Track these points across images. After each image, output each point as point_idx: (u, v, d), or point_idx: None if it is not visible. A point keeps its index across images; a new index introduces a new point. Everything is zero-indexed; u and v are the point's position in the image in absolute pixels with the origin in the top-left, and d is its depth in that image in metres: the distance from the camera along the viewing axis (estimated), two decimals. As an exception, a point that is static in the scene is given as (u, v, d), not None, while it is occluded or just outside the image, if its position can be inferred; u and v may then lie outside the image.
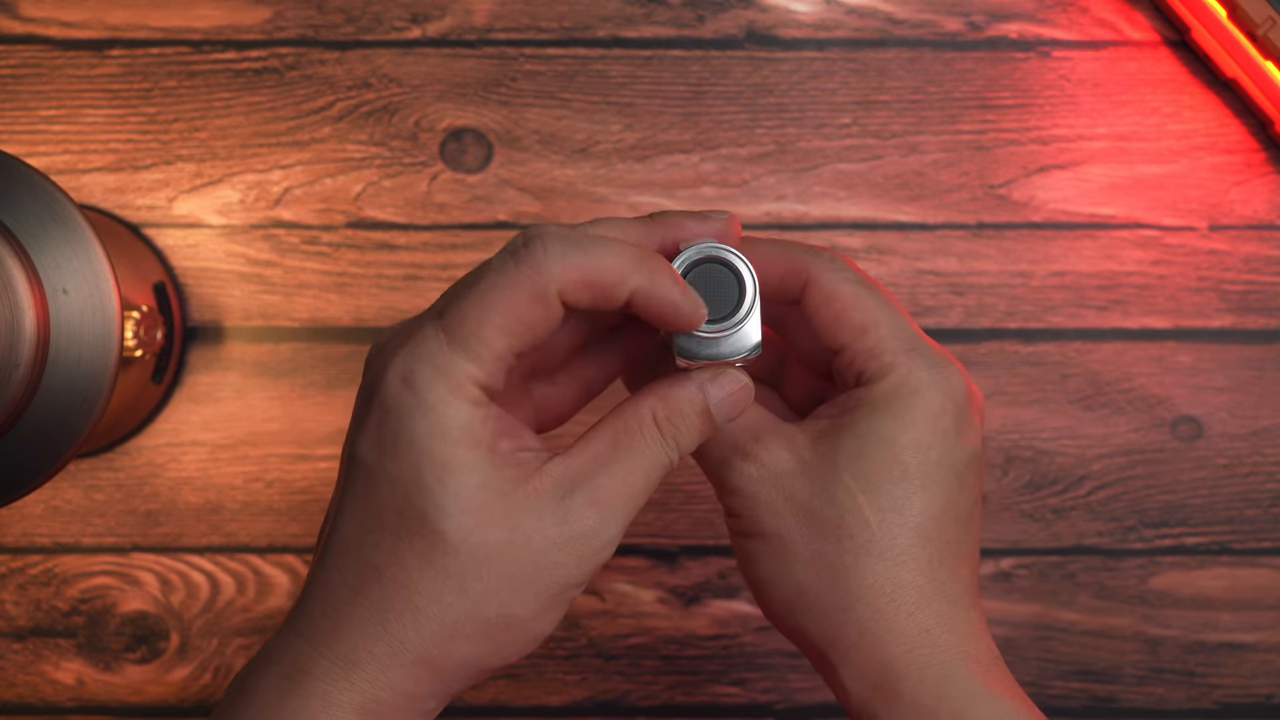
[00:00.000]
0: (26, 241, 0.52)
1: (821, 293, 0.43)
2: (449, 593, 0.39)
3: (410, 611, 0.39)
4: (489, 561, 0.39)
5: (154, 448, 0.65)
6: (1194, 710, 0.65)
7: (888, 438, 0.42)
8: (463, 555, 0.39)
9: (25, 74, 0.66)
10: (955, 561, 0.43)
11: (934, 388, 0.43)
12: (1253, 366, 0.65)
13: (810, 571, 0.42)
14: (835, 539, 0.42)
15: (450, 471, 0.38)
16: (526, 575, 0.39)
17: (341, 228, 0.66)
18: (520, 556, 0.39)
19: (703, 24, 0.66)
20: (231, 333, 0.65)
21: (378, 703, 0.39)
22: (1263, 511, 0.65)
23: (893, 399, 0.43)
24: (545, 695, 0.65)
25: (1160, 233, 0.65)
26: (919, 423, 0.42)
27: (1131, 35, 0.66)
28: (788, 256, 0.44)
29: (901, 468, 0.42)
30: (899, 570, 0.42)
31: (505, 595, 0.39)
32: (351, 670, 0.39)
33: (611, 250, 0.39)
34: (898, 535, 0.42)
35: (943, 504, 0.42)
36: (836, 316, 0.43)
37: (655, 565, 0.65)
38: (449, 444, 0.38)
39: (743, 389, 0.42)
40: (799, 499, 0.42)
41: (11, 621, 0.65)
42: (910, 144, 0.65)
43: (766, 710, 0.65)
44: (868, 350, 0.43)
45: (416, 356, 0.39)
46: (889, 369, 0.43)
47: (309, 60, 0.66)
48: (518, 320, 0.39)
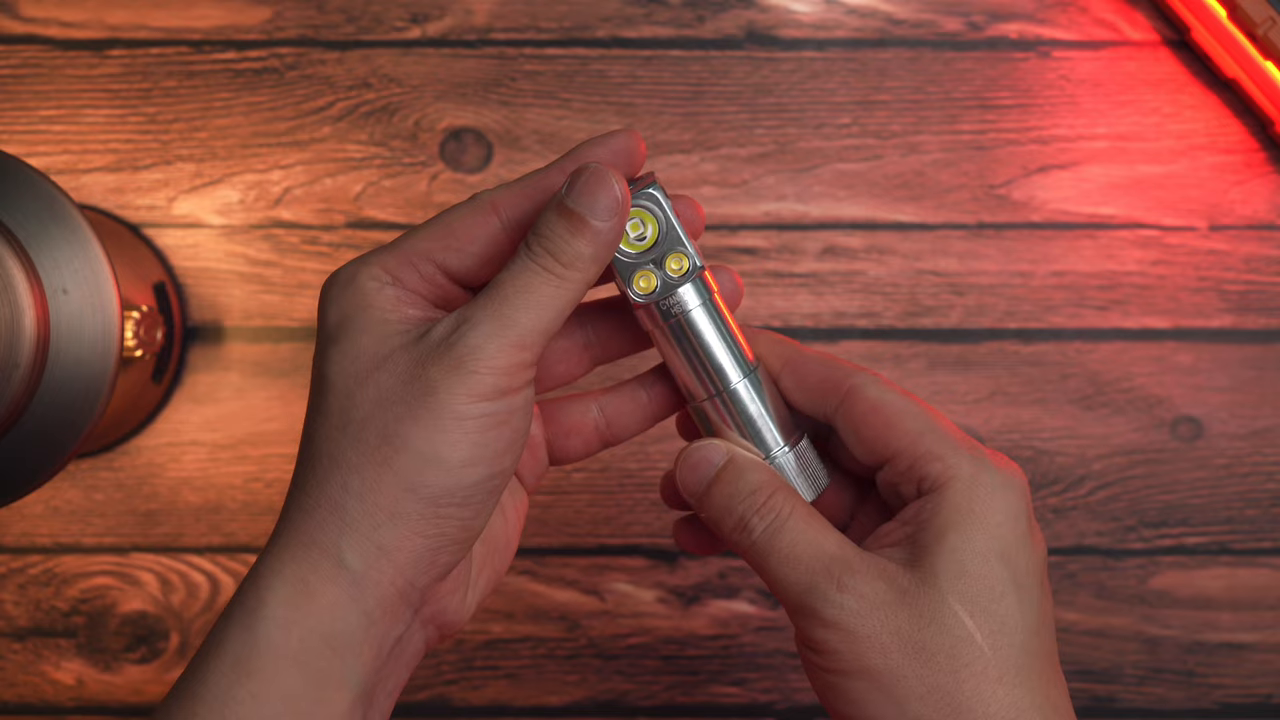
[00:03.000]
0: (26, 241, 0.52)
1: (867, 402, 0.42)
2: (337, 430, 0.39)
3: (314, 464, 0.40)
4: (361, 390, 0.39)
5: (154, 448, 0.65)
6: (1194, 710, 0.65)
7: (983, 552, 0.40)
8: (344, 394, 0.39)
9: (25, 74, 0.66)
10: (1055, 671, 0.41)
11: (1005, 489, 0.41)
12: (1253, 366, 0.65)
13: (928, 706, 0.39)
14: (950, 669, 0.40)
15: (340, 328, 0.40)
16: (395, 394, 0.39)
17: (341, 228, 0.66)
18: (388, 379, 0.39)
19: (703, 24, 0.66)
20: (231, 333, 0.65)
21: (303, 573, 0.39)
22: (1263, 511, 0.65)
23: (971, 504, 0.41)
24: (545, 695, 0.65)
25: (1160, 233, 0.65)
26: (1003, 527, 0.41)
27: (1131, 35, 0.66)
28: (829, 368, 0.43)
29: (1001, 583, 0.40)
30: (1017, 692, 0.40)
31: (379, 417, 0.39)
32: (276, 547, 0.40)
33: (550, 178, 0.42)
34: (1010, 656, 0.40)
35: (1039, 614, 0.41)
36: (887, 423, 0.42)
37: (655, 565, 0.65)
38: (345, 309, 0.40)
39: (610, 189, 0.40)
40: (905, 631, 0.40)
41: (11, 621, 0.65)
42: (910, 144, 0.65)
43: (766, 710, 0.65)
44: (927, 452, 0.41)
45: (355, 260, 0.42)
46: (953, 470, 0.41)
47: (309, 60, 0.66)
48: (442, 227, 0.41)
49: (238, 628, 0.39)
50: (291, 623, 0.38)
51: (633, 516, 0.65)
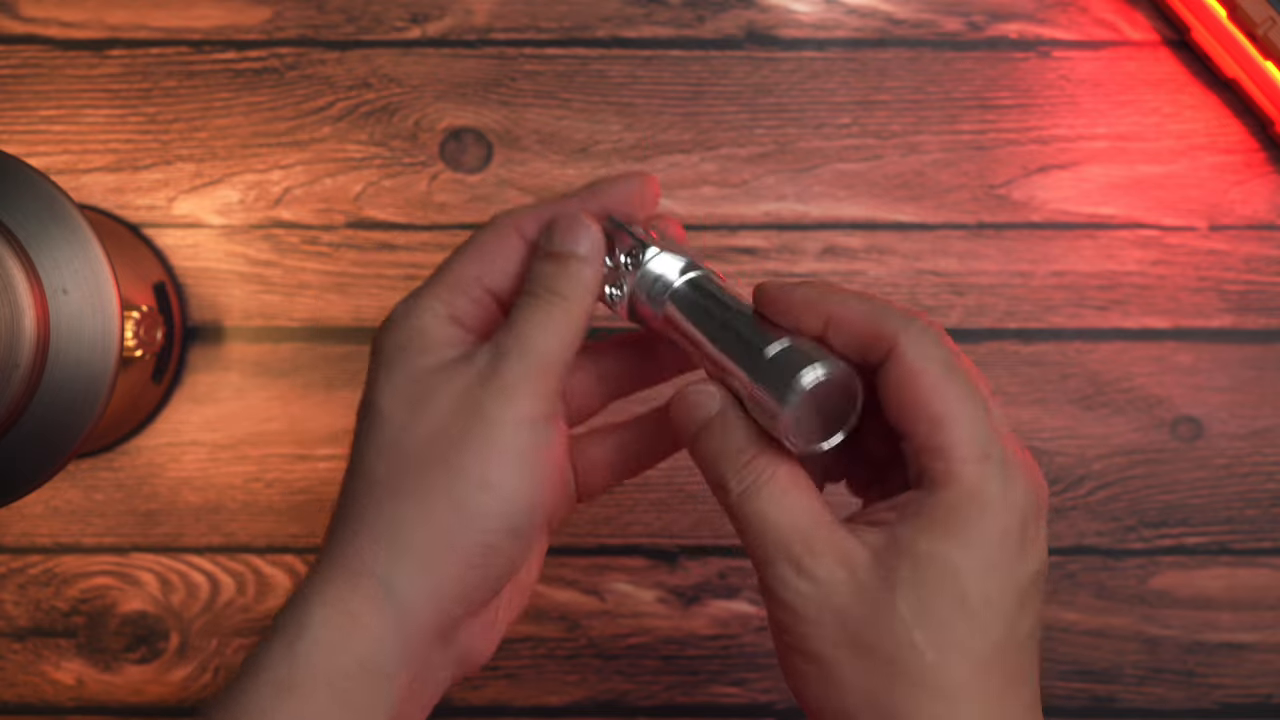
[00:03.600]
0: (26, 241, 0.52)
1: (903, 369, 0.39)
2: (385, 458, 0.41)
3: (366, 491, 0.41)
4: (415, 418, 0.41)
5: (154, 448, 0.65)
6: (1194, 710, 0.65)
7: (948, 565, 0.39)
8: (394, 423, 0.41)
9: (25, 74, 0.66)
10: (1017, 689, 0.40)
11: (1003, 504, 0.39)
12: (1253, 366, 0.65)
13: (860, 704, 0.39)
14: (887, 675, 0.39)
15: (397, 357, 0.42)
16: (444, 420, 0.41)
17: (341, 228, 0.66)
18: (439, 405, 0.41)
19: (703, 24, 0.66)
20: (231, 333, 0.65)
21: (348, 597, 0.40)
22: (1263, 511, 0.65)
23: (956, 517, 0.39)
24: (545, 695, 0.65)
25: (1160, 233, 0.65)
26: (984, 546, 0.39)
27: (1131, 35, 0.66)
28: (875, 318, 0.40)
29: (962, 600, 0.39)
30: (958, 707, 0.39)
31: (435, 443, 0.41)
32: (322, 569, 0.41)
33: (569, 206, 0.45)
34: (956, 672, 0.39)
35: (1003, 634, 0.39)
36: (914, 401, 0.39)
37: (655, 565, 0.65)
38: (398, 341, 0.42)
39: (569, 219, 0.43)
40: (851, 626, 0.39)
41: (11, 621, 0.65)
42: (910, 144, 0.65)
43: (766, 710, 0.65)
44: (937, 448, 0.39)
45: (407, 297, 0.44)
46: (954, 477, 0.39)
47: (309, 60, 0.66)
48: (477, 250, 0.43)
49: (280, 648, 0.39)
50: (334, 647, 0.39)
51: (633, 516, 0.65)
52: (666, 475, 0.65)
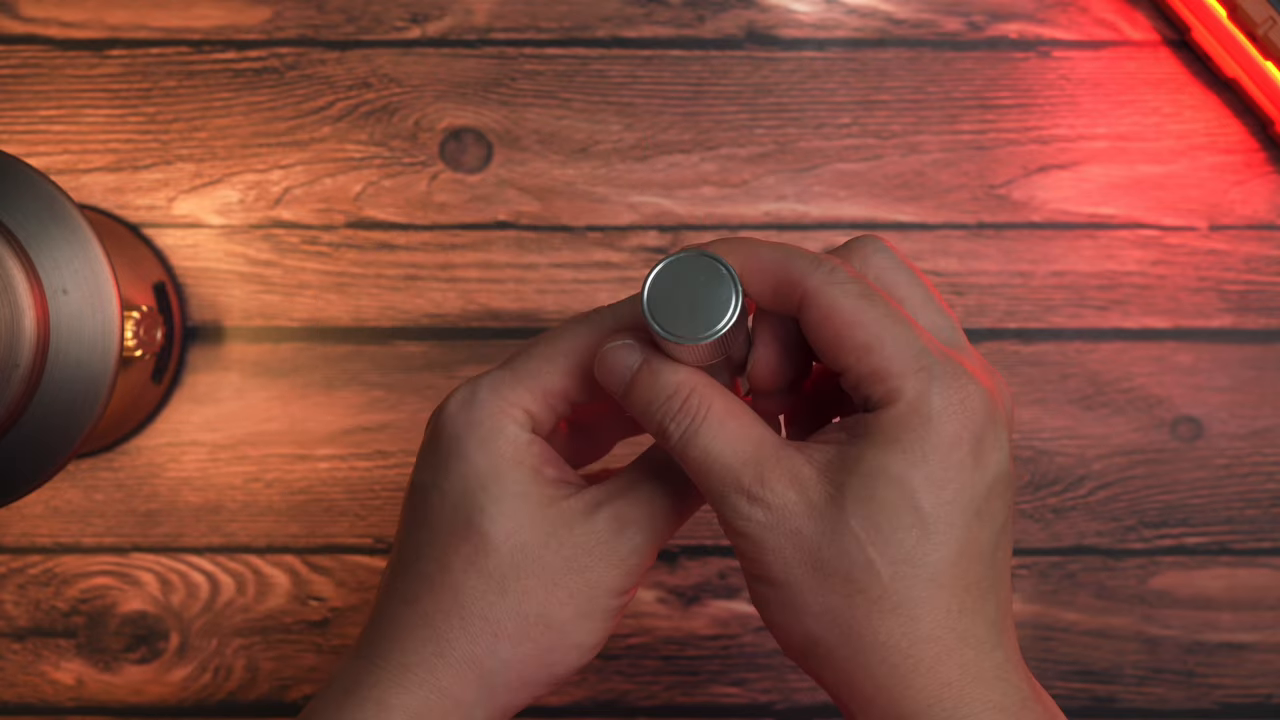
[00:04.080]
0: (26, 241, 0.52)
1: (819, 309, 0.40)
2: (491, 592, 0.41)
3: (456, 611, 0.42)
4: (527, 563, 0.41)
5: (154, 448, 0.65)
6: (1194, 710, 0.65)
7: (897, 477, 0.38)
8: (503, 556, 0.41)
9: (25, 74, 0.66)
10: (979, 602, 0.39)
11: (948, 413, 0.39)
12: (1253, 366, 0.65)
13: (821, 625, 0.39)
14: (845, 593, 0.39)
15: (495, 481, 0.42)
16: (559, 577, 0.42)
17: (341, 228, 0.66)
18: (553, 559, 0.42)
19: (703, 24, 0.66)
20: (231, 333, 0.65)
21: (428, 705, 0.41)
22: (1263, 511, 0.65)
23: (902, 430, 0.39)
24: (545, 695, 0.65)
25: (1160, 233, 0.65)
26: (931, 457, 0.38)
27: (1131, 35, 0.66)
28: (783, 265, 0.40)
29: (914, 512, 0.38)
30: (915, 625, 0.39)
31: (541, 595, 0.42)
32: (403, 674, 0.41)
33: None
34: (912, 586, 0.38)
35: (960, 546, 0.39)
36: (836, 336, 0.39)
37: (655, 565, 0.65)
38: (496, 458, 0.42)
39: None
40: (807, 547, 0.39)
41: (11, 621, 0.65)
42: (910, 144, 0.65)
43: (766, 710, 0.65)
44: (872, 373, 0.39)
45: (477, 384, 0.43)
46: (896, 394, 0.39)
47: (309, 60, 0.66)
48: (578, 366, 0.42)
49: None
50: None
51: (633, 516, 0.65)
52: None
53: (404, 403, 0.65)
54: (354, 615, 0.65)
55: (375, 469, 0.65)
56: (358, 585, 0.65)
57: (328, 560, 0.65)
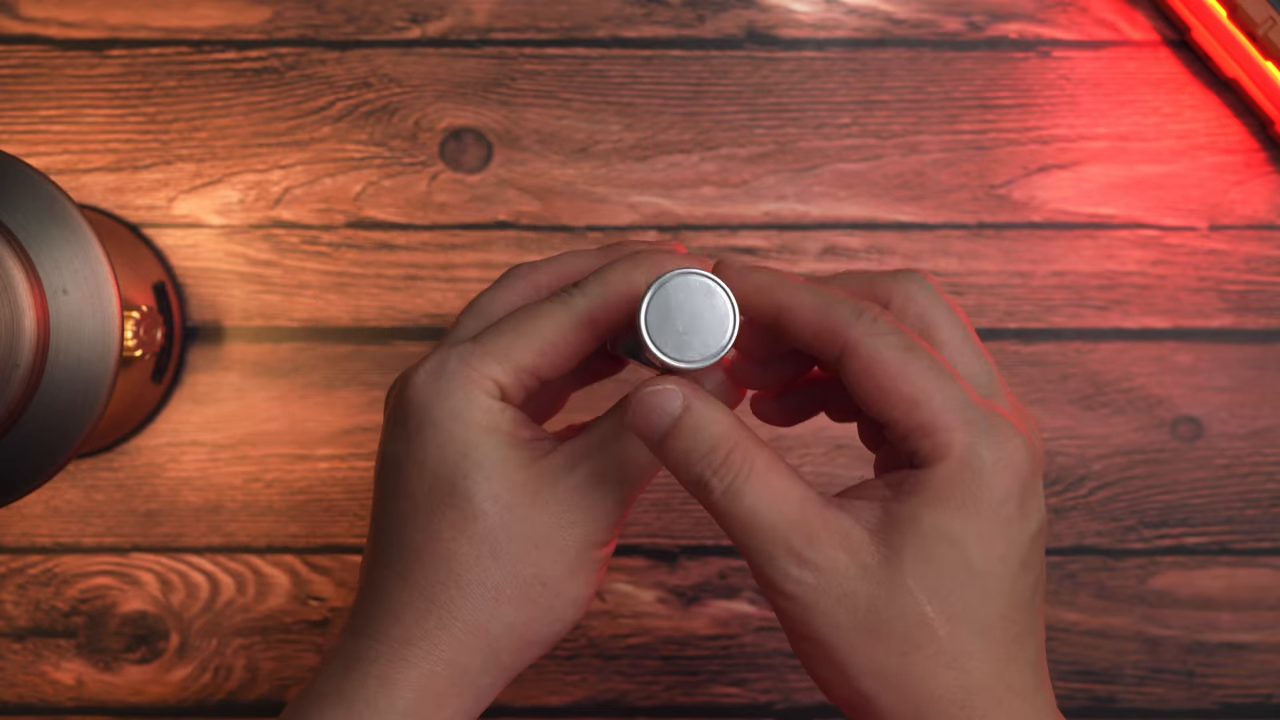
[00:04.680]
0: (26, 241, 0.52)
1: (862, 361, 0.39)
2: (484, 557, 0.42)
3: (453, 581, 0.42)
4: (516, 524, 0.42)
5: (154, 448, 0.65)
6: (1194, 710, 0.65)
7: (954, 538, 0.39)
8: (492, 519, 0.41)
9: (25, 74, 0.66)
10: (1022, 649, 0.40)
11: (997, 469, 0.39)
12: (1253, 366, 0.65)
13: (876, 683, 0.39)
14: (901, 651, 0.39)
15: (473, 446, 0.42)
16: (548, 534, 0.42)
17: (341, 228, 0.66)
18: (541, 518, 0.42)
19: (703, 24, 0.66)
20: (231, 333, 0.65)
21: (433, 677, 0.41)
22: (1263, 511, 0.65)
23: (954, 487, 0.39)
24: (545, 695, 0.65)
25: (1160, 233, 0.65)
26: (983, 514, 0.39)
27: (1131, 35, 0.66)
28: (825, 312, 0.40)
29: (969, 570, 0.39)
30: (969, 677, 0.39)
31: (535, 554, 0.42)
32: (405, 648, 0.41)
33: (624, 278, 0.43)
34: (966, 641, 0.39)
35: (1009, 598, 0.40)
36: (880, 389, 0.39)
37: (655, 565, 0.65)
38: (469, 425, 0.42)
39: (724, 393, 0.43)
40: (860, 609, 0.39)
41: (11, 621, 0.65)
42: (910, 144, 0.65)
43: (766, 710, 0.65)
44: (919, 427, 0.39)
45: (446, 355, 0.42)
46: (945, 449, 0.39)
47: (309, 60, 0.66)
48: (546, 345, 0.42)
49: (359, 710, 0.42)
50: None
51: (633, 516, 0.65)
52: (666, 476, 0.65)
53: (404, 403, 0.65)
54: (354, 615, 0.65)
55: (375, 469, 0.65)
56: (357, 585, 0.65)
57: (328, 560, 0.65)
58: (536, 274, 0.45)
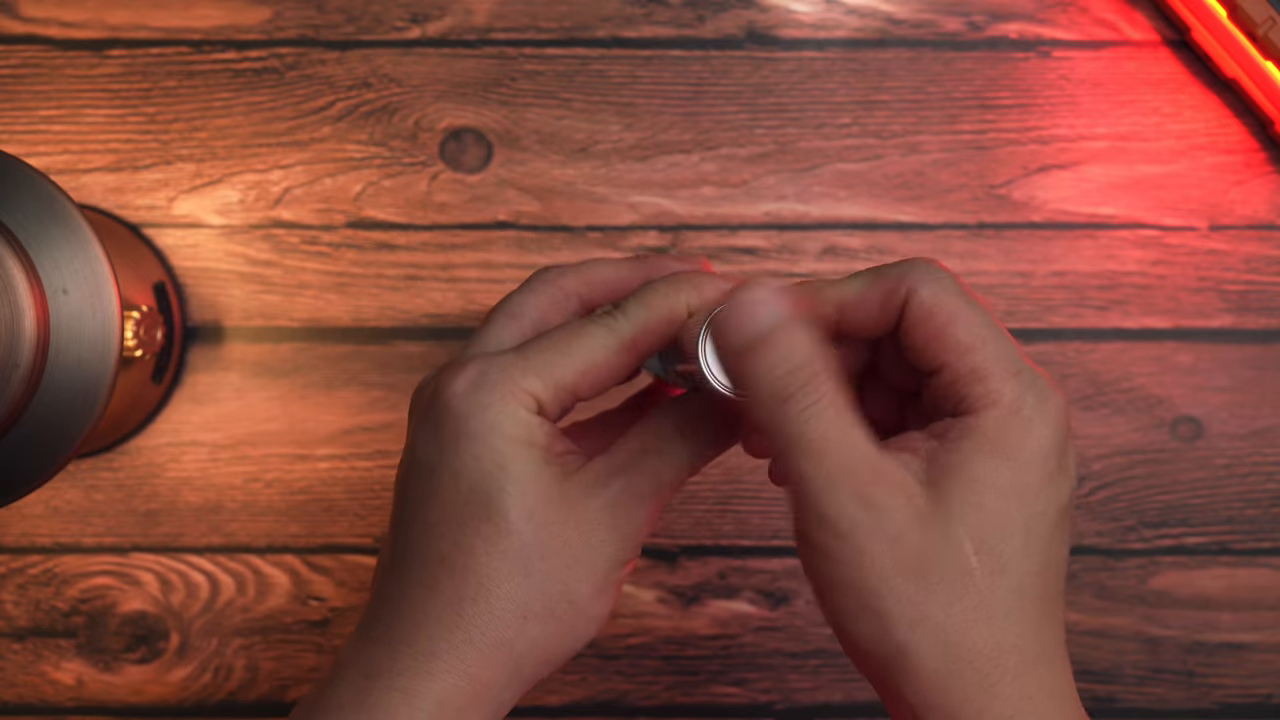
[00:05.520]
0: (26, 241, 0.52)
1: (923, 306, 0.40)
2: (516, 574, 0.41)
3: (483, 596, 0.41)
4: (549, 542, 0.41)
5: (154, 448, 0.65)
6: (1194, 710, 0.65)
7: (1001, 487, 0.39)
8: (526, 536, 0.41)
9: (25, 74, 0.66)
10: (1051, 618, 0.41)
11: (1041, 422, 0.39)
12: (1253, 366, 0.65)
13: (915, 633, 0.39)
14: (945, 602, 0.38)
15: (510, 460, 0.41)
16: (580, 554, 0.42)
17: (341, 228, 0.66)
18: (573, 536, 0.42)
19: (703, 24, 0.66)
20: (231, 333, 0.65)
21: (456, 691, 0.41)
22: (1263, 511, 0.65)
23: (1004, 436, 0.39)
24: (545, 695, 0.65)
25: (1160, 233, 0.65)
26: (1030, 466, 0.39)
27: (1131, 35, 0.66)
28: (883, 280, 0.41)
29: (1011, 522, 0.39)
30: (1003, 634, 0.39)
31: (565, 573, 0.41)
32: (430, 662, 0.41)
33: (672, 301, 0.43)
34: (1005, 596, 0.39)
35: (1044, 559, 0.40)
36: (939, 332, 0.40)
37: (655, 565, 0.65)
38: (507, 439, 0.41)
39: None
40: (909, 555, 0.38)
41: (11, 621, 0.65)
42: (910, 144, 0.65)
43: (766, 710, 0.65)
44: (971, 371, 0.39)
45: (488, 364, 0.42)
46: (996, 396, 0.39)
47: (309, 60, 0.66)
48: (590, 368, 0.42)
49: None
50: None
51: (633, 516, 0.65)
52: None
53: (404, 403, 0.65)
54: (354, 615, 0.65)
55: (375, 469, 0.65)
56: (358, 585, 0.65)
57: (328, 560, 0.65)
58: (565, 279, 0.45)
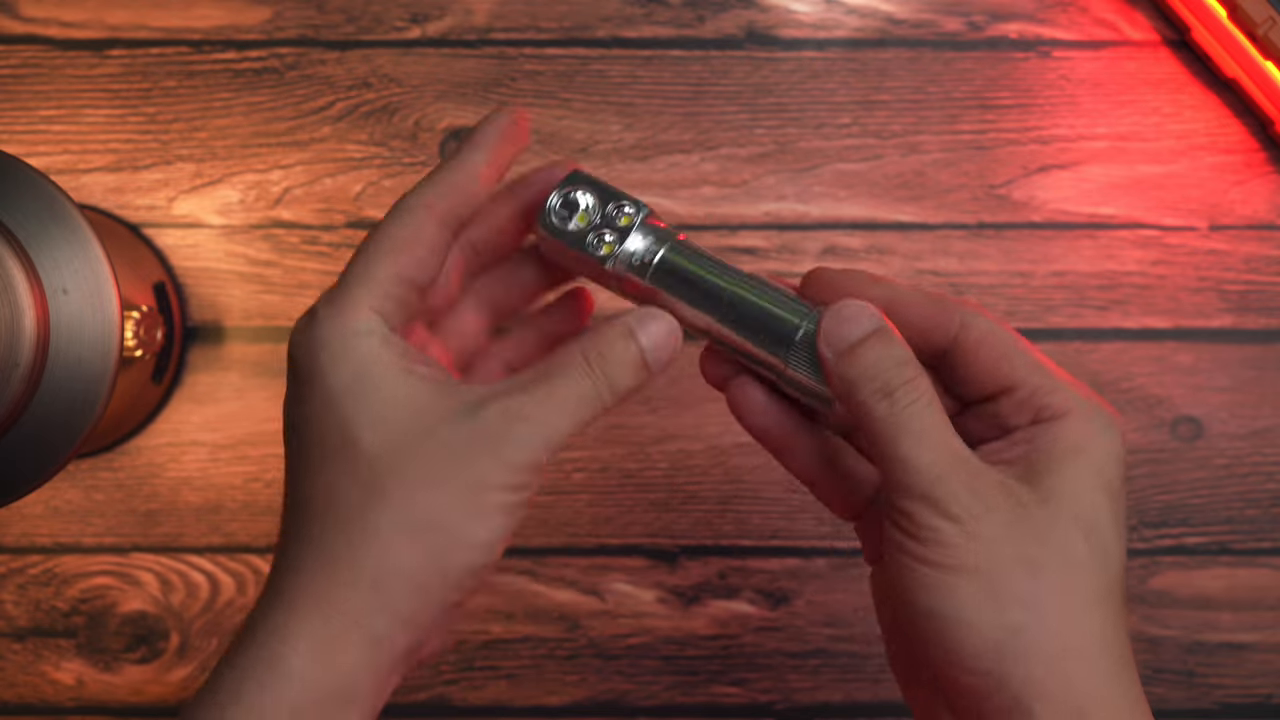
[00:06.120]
0: (26, 241, 0.52)
1: (979, 336, 0.43)
2: (371, 499, 0.40)
3: (338, 525, 0.40)
4: (403, 464, 0.40)
5: (154, 448, 0.65)
6: (1194, 710, 0.65)
7: (1095, 484, 0.41)
8: (378, 459, 0.40)
9: (25, 74, 0.66)
10: (1126, 607, 0.42)
11: (1111, 430, 0.42)
12: (1253, 366, 0.65)
13: (1029, 614, 0.40)
14: (1057, 587, 0.40)
15: (357, 385, 0.40)
16: (442, 473, 0.40)
17: (341, 228, 0.66)
18: (433, 457, 0.40)
19: (703, 24, 0.66)
20: (231, 333, 0.65)
21: (324, 625, 0.40)
22: (1263, 511, 0.65)
23: (1089, 437, 0.42)
24: (545, 695, 0.65)
25: (1160, 233, 0.65)
26: (1110, 468, 0.42)
27: (1131, 35, 0.66)
28: (937, 306, 0.43)
29: (1106, 515, 0.41)
30: (1101, 620, 0.41)
31: (425, 495, 0.40)
32: (296, 598, 0.40)
33: (465, 167, 0.44)
34: (1103, 582, 0.41)
35: (1121, 558, 0.42)
36: (1006, 354, 0.42)
37: (655, 565, 0.65)
38: (353, 365, 0.41)
39: (673, 335, 0.42)
40: (1021, 543, 0.40)
41: (11, 621, 0.65)
42: (910, 144, 0.65)
43: (766, 710, 0.65)
44: (1044, 385, 0.42)
45: (316, 305, 0.42)
46: (1073, 404, 0.42)
47: (309, 60, 0.66)
48: (396, 244, 0.42)
49: (256, 682, 0.40)
50: (312, 682, 0.40)
51: (633, 516, 0.65)
52: (666, 475, 0.65)
53: (404, 403, 0.65)
54: (354, 615, 0.65)
55: (375, 469, 0.65)
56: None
57: (328, 560, 0.65)
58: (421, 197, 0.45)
